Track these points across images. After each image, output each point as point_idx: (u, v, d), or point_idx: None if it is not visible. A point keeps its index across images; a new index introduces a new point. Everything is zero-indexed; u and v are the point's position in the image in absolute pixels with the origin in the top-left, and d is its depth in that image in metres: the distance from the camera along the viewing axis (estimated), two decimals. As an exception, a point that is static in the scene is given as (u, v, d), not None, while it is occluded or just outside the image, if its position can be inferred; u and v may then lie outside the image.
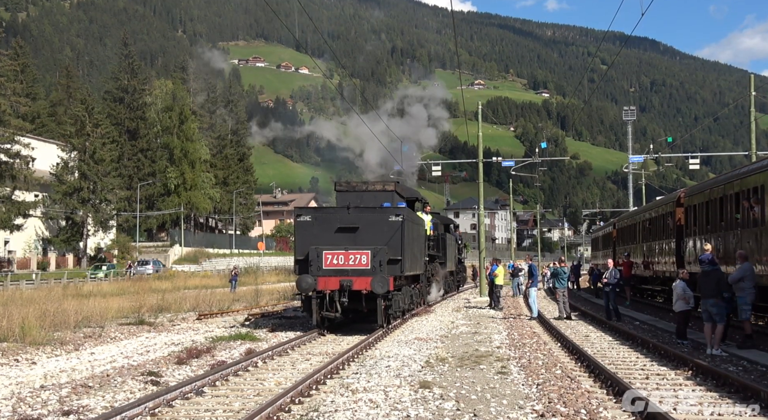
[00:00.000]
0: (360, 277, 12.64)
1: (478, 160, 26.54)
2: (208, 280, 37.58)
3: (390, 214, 13.12)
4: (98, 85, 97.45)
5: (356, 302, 12.87)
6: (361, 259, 12.72)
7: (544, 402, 6.80)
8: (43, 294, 21.23)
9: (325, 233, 13.00)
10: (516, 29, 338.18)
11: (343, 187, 15.59)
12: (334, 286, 12.66)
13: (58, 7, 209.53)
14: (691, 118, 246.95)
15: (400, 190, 16.27)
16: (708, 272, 10.45)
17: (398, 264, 12.96)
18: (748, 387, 7.22)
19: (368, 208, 13.55)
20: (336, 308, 12.76)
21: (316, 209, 14.21)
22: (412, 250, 14.21)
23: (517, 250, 71.63)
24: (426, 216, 17.71)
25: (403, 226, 13.00)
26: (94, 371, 9.24)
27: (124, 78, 66.94)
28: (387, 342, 12.17)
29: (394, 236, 12.93)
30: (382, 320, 13.03)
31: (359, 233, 12.94)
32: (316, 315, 12.89)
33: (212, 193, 69.23)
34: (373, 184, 15.80)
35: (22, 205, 42.76)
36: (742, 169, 13.77)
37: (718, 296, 10.26)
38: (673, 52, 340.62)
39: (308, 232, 13.09)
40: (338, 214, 13.19)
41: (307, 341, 12.18)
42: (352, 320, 15.09)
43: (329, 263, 12.75)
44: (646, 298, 23.56)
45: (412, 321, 15.89)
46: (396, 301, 13.27)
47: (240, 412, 6.63)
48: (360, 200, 14.50)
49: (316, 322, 12.99)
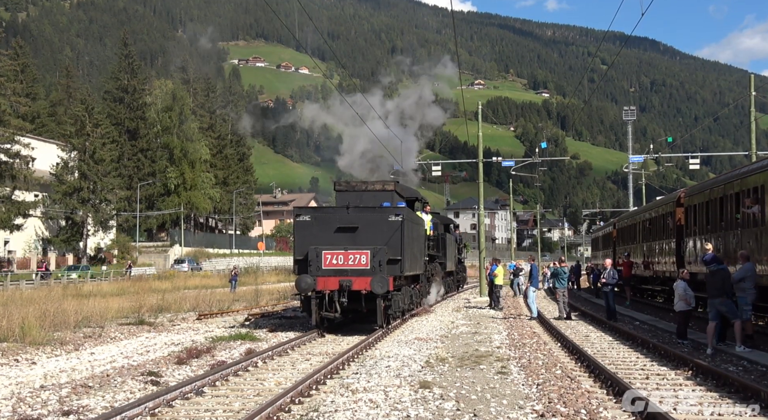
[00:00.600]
0: (359, 277, 12.55)
1: (478, 160, 26.54)
2: (208, 281, 37.59)
3: (390, 214, 13.06)
4: (98, 85, 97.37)
5: (356, 302, 12.79)
6: (361, 259, 12.62)
7: (544, 402, 6.80)
8: (43, 294, 21.21)
9: (325, 233, 12.89)
10: (516, 29, 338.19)
11: (342, 186, 15.48)
12: (333, 286, 12.58)
13: (58, 7, 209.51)
14: (691, 118, 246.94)
15: (400, 189, 16.19)
16: (714, 271, 10.39)
17: (398, 264, 12.88)
18: (749, 387, 7.22)
19: (368, 207, 13.48)
20: (335, 308, 12.68)
21: (316, 209, 14.07)
22: (412, 250, 14.13)
23: (517, 250, 71.58)
24: (426, 216, 17.61)
25: (402, 226, 12.92)
26: (94, 371, 9.23)
27: (124, 78, 66.94)
28: (387, 342, 12.16)
29: (394, 236, 12.85)
30: (381, 321, 12.97)
31: (359, 233, 12.85)
32: (315, 315, 12.83)
33: (212, 193, 69.22)
34: (372, 184, 15.66)
35: (22, 205, 42.73)
36: (742, 169, 13.77)
37: (724, 295, 10.19)
38: (673, 52, 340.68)
39: (307, 232, 12.98)
40: (338, 214, 13.11)
41: (307, 341, 12.18)
42: (351, 320, 15.05)
43: (328, 263, 12.66)
44: (646, 298, 23.55)
45: (412, 321, 15.88)
46: (395, 301, 13.19)
47: (240, 412, 6.63)
48: (359, 200, 14.42)
49: (316, 323, 12.93)
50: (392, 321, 13.97)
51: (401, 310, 14.10)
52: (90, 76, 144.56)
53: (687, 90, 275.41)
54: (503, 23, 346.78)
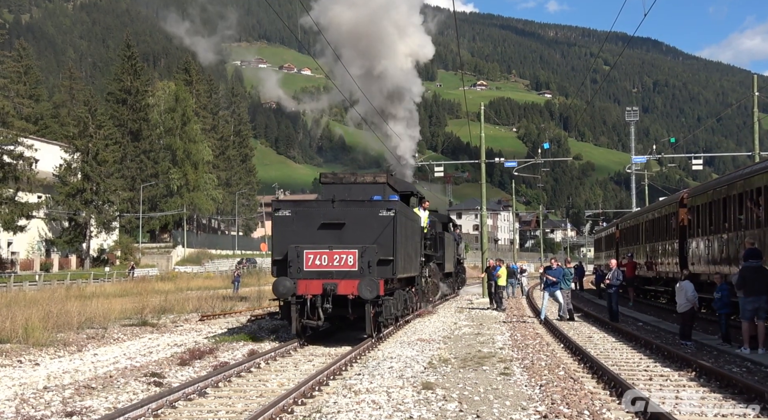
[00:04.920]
0: (346, 280, 11.18)
1: (481, 161, 26.51)
2: (210, 282, 37.63)
3: (380, 209, 11.57)
4: (101, 86, 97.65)
5: (341, 308, 11.38)
6: (347, 260, 11.24)
7: (547, 403, 6.79)
8: (47, 295, 21.26)
9: (307, 230, 11.53)
10: (518, 30, 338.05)
11: (329, 179, 13.82)
12: (316, 290, 11.21)
13: (62, 8, 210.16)
14: (693, 118, 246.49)
15: (393, 182, 14.53)
16: (758, 268, 10.07)
17: (390, 265, 11.49)
18: (752, 388, 7.20)
19: (356, 201, 12.01)
20: (318, 315, 11.27)
21: (297, 202, 12.27)
22: (406, 250, 12.67)
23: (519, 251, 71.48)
24: (423, 212, 16.05)
25: (395, 222, 11.50)
26: (97, 372, 9.25)
27: (127, 79, 67.08)
28: (389, 343, 12.14)
29: (385, 233, 11.43)
30: (371, 329, 11.50)
31: (345, 230, 11.45)
32: (295, 323, 11.39)
33: (215, 194, 69.37)
34: (362, 176, 13.93)
35: (25, 207, 42.81)
36: (745, 170, 13.73)
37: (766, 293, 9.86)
38: (676, 52, 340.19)
39: (287, 229, 11.59)
40: (322, 209, 11.67)
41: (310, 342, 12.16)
42: (337, 328, 13.53)
43: (311, 264, 11.27)
44: (649, 299, 23.50)
45: (414, 322, 15.85)
46: (387, 307, 11.65)
47: (243, 414, 6.64)
48: (348, 193, 12.84)
49: (296, 332, 11.50)
50: (383, 329, 12.52)
51: (393, 317, 12.56)
52: (93, 77, 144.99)
53: (690, 90, 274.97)
54: (505, 24, 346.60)
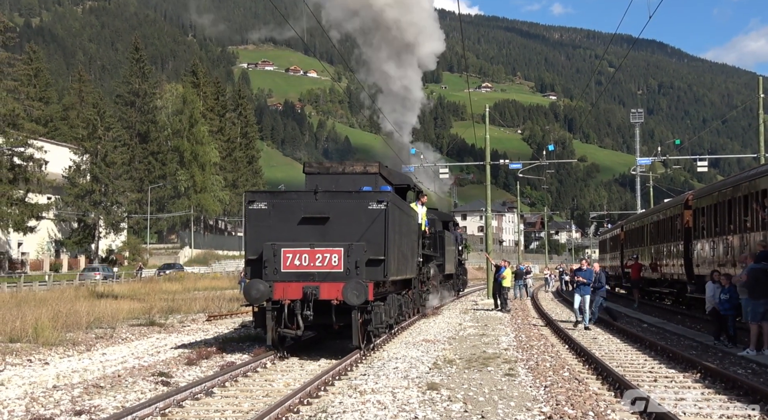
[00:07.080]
0: (329, 283, 9.71)
1: (486, 163, 26.53)
2: (217, 282, 37.79)
3: (370, 201, 10.09)
4: (110, 89, 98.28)
5: (324, 316, 9.88)
6: (332, 260, 9.78)
7: (552, 404, 6.82)
8: (56, 295, 21.46)
9: (286, 225, 10.05)
10: (523, 32, 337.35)
11: (313, 168, 12.18)
12: (295, 294, 9.71)
13: (71, 12, 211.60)
14: (699, 120, 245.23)
15: (387, 174, 12.82)
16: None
17: (380, 265, 10.04)
18: (757, 390, 7.22)
19: (342, 192, 10.52)
20: (297, 324, 9.78)
21: (275, 193, 10.85)
22: (400, 248, 11.14)
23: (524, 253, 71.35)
24: (420, 208, 14.29)
25: (387, 216, 10.01)
26: (106, 372, 9.35)
27: (135, 82, 67.54)
28: (395, 344, 12.20)
29: (376, 229, 9.97)
30: (358, 340, 9.92)
31: (330, 225, 10.00)
32: (271, 333, 9.84)
33: (222, 195, 69.65)
34: (351, 166, 12.25)
35: (35, 208, 43.20)
36: (750, 172, 13.72)
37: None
38: (681, 54, 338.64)
39: (263, 224, 10.11)
40: (303, 201, 10.17)
41: (316, 342, 12.23)
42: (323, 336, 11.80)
43: (289, 265, 9.79)
44: (654, 301, 23.46)
45: (419, 323, 15.90)
46: (377, 314, 10.16)
47: (249, 413, 6.71)
48: (335, 185, 11.26)
49: (273, 343, 9.96)
50: (374, 339, 10.90)
51: (385, 325, 10.94)
52: (102, 80, 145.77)
53: (695, 92, 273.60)
54: (510, 26, 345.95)
